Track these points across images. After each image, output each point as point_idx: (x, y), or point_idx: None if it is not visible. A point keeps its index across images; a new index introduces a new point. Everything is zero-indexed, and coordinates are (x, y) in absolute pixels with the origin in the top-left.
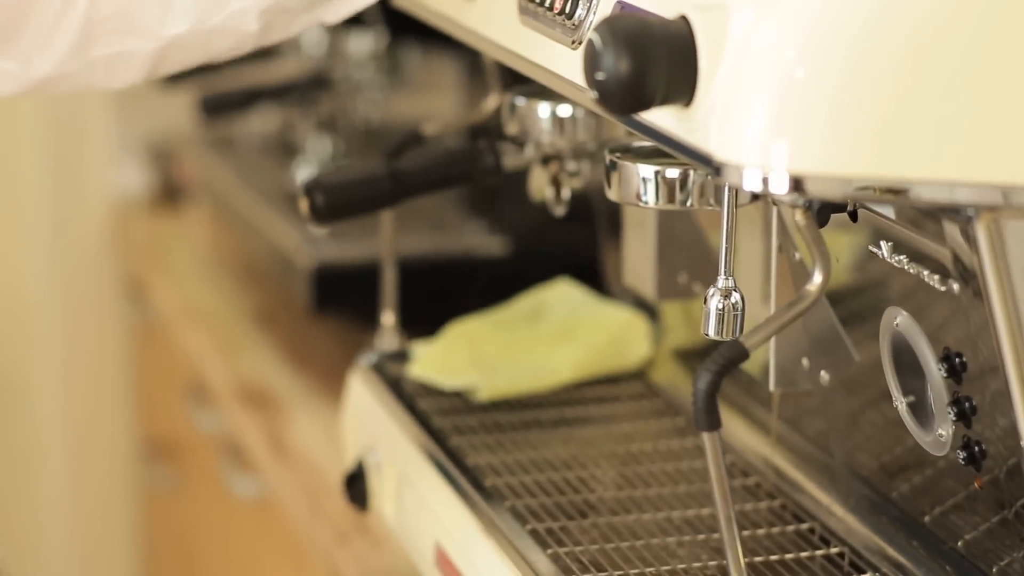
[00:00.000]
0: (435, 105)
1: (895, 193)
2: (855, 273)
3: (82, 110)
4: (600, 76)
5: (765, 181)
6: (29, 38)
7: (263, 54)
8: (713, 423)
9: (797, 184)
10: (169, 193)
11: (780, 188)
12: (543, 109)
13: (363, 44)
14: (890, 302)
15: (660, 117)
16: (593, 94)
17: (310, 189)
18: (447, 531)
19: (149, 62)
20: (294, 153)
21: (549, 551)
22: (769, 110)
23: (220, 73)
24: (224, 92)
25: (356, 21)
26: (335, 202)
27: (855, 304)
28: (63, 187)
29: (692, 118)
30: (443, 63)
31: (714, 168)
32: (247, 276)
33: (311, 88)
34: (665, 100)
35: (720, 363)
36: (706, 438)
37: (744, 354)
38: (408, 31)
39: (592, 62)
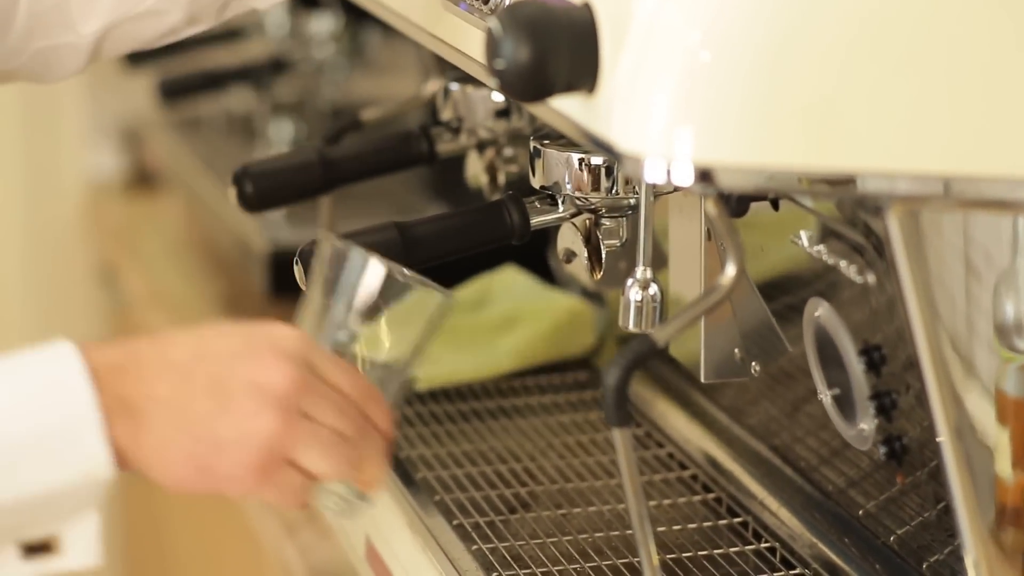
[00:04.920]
0: (397, 85)
1: (830, 185)
2: (783, 262)
3: (54, 93)
4: (499, 64)
5: (668, 172)
6: None
7: (224, 36)
8: (623, 419)
9: (704, 175)
10: (142, 176)
11: (684, 180)
12: (477, 95)
13: (323, 25)
14: (815, 293)
15: (566, 104)
16: (495, 81)
17: (239, 177)
18: (375, 525)
19: (86, 52)
20: (259, 136)
21: (475, 547)
22: (672, 96)
23: (182, 55)
24: (184, 75)
25: (314, 2)
26: (264, 190)
27: (785, 294)
28: (35, 171)
29: (596, 105)
30: (404, 43)
31: (617, 158)
32: (212, 261)
33: (272, 70)
34: (569, 87)
35: (630, 358)
36: (617, 434)
37: (653, 348)
38: (367, 12)
39: (492, 49)
